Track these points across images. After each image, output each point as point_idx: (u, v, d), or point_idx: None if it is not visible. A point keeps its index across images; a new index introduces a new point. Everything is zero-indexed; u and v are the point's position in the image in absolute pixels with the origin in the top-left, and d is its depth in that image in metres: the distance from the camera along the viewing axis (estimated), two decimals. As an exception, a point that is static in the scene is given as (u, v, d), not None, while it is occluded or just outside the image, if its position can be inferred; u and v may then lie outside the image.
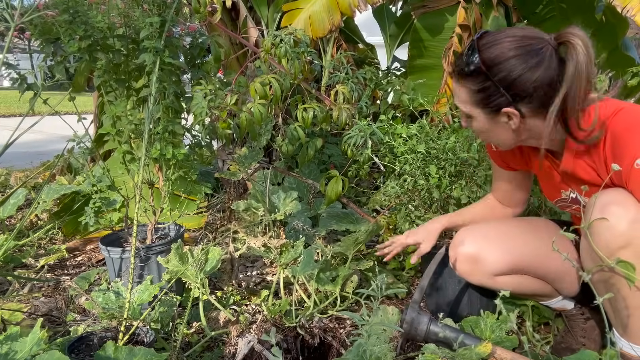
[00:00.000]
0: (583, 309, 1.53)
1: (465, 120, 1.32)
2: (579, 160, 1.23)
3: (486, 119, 1.24)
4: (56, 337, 1.57)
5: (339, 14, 2.68)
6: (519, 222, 1.52)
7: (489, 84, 1.17)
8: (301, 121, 1.89)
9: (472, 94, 1.21)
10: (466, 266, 1.46)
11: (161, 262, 1.64)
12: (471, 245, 1.44)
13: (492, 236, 1.45)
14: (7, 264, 2.11)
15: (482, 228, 1.49)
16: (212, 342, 1.64)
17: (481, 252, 1.42)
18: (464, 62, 1.20)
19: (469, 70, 1.19)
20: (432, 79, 3.05)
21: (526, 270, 1.43)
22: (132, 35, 1.70)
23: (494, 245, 1.43)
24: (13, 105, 12.43)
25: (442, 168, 1.76)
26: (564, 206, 1.41)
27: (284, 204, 2.17)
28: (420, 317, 1.38)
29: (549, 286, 1.48)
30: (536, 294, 1.52)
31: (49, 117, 1.59)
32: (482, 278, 1.45)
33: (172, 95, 1.72)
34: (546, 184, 1.43)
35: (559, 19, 3.17)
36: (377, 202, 2.57)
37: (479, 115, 1.24)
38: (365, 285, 1.97)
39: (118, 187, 2.02)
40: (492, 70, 1.15)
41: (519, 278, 1.45)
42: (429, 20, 3.09)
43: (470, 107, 1.24)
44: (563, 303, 1.53)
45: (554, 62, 1.14)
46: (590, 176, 1.22)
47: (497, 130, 1.25)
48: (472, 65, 1.18)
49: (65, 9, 1.55)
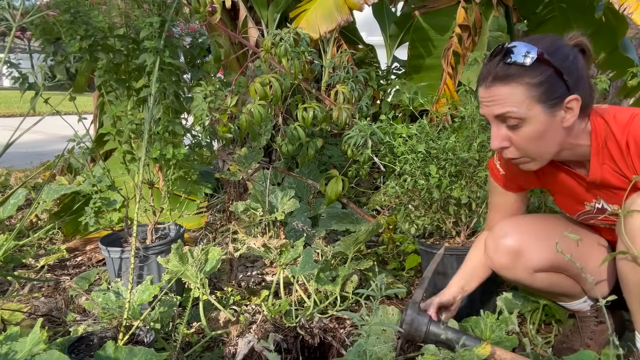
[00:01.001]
0: (598, 312, 1.51)
1: (507, 134, 1.19)
2: (605, 166, 1.21)
3: (545, 117, 1.15)
4: (56, 337, 1.57)
5: (347, 8, 2.69)
6: (559, 220, 1.47)
7: (551, 73, 1.12)
8: (301, 121, 1.90)
9: (532, 89, 1.12)
10: (506, 259, 1.40)
11: (161, 262, 1.64)
12: (515, 238, 1.39)
13: (536, 231, 1.41)
14: (7, 264, 2.11)
15: (526, 222, 1.45)
16: (212, 342, 1.64)
17: (525, 247, 1.38)
18: (510, 58, 1.13)
19: (528, 63, 1.12)
20: (432, 79, 3.05)
21: (565, 268, 1.40)
22: (133, 35, 1.70)
23: (539, 241, 1.38)
24: (13, 105, 12.43)
25: (442, 168, 1.76)
26: (587, 218, 1.38)
27: (282, 203, 2.17)
28: (420, 318, 1.38)
29: (579, 286, 1.46)
30: (565, 294, 1.50)
31: (49, 117, 1.60)
32: (522, 273, 1.41)
33: (172, 95, 1.72)
34: (566, 199, 1.39)
35: (559, 19, 3.17)
36: (377, 202, 2.57)
37: (538, 114, 1.14)
38: (365, 285, 1.97)
39: (118, 187, 2.02)
40: (553, 57, 1.12)
41: (556, 276, 1.43)
42: (429, 20, 3.09)
43: (527, 107, 1.14)
44: (582, 305, 1.52)
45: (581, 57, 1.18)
46: (619, 181, 1.20)
47: (552, 130, 1.17)
48: (528, 57, 1.12)
49: (67, 9, 1.55)
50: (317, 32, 2.65)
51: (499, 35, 2.86)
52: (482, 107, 1.20)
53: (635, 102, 3.21)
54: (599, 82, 2.21)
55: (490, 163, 1.47)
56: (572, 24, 3.21)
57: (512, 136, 1.18)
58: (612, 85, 4.16)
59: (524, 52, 1.12)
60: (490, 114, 1.19)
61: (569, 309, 1.57)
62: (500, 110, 1.16)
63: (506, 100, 1.14)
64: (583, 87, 1.15)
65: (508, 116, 1.16)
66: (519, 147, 1.20)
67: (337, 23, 2.66)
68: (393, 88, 3.08)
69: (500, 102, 1.15)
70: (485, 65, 1.19)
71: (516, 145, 1.20)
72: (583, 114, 1.18)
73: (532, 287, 1.48)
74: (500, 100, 1.15)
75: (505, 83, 1.14)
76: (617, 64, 3.35)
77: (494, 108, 1.17)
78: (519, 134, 1.17)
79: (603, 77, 2.20)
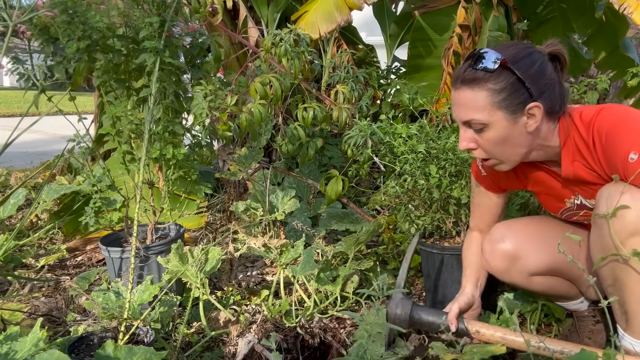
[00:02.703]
0: (595, 311, 1.53)
1: (473, 136, 1.24)
2: (576, 163, 1.24)
3: (507, 123, 1.19)
4: (56, 337, 1.57)
5: (347, 8, 2.69)
6: (556, 223, 1.48)
7: (513, 80, 1.16)
8: (301, 121, 1.89)
9: (494, 95, 1.17)
10: (503, 263, 1.42)
11: (161, 262, 1.64)
12: (512, 242, 1.41)
13: (532, 235, 1.43)
14: (7, 264, 2.11)
15: (523, 225, 1.47)
16: (212, 342, 1.64)
17: (521, 251, 1.40)
18: (481, 63, 1.17)
19: (491, 69, 1.16)
20: (432, 78, 3.05)
21: (562, 271, 1.42)
22: (132, 35, 1.70)
23: (535, 245, 1.41)
24: (13, 105, 12.43)
25: (442, 168, 1.76)
26: (570, 215, 1.40)
27: (282, 203, 2.17)
28: (404, 302, 1.37)
29: (575, 288, 1.49)
30: (562, 296, 1.51)
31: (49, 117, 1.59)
32: (518, 277, 1.43)
33: (172, 95, 1.72)
34: (547, 197, 1.41)
35: (560, 19, 3.17)
36: (377, 202, 2.57)
37: (500, 120, 1.18)
38: (365, 285, 1.97)
39: (118, 187, 2.02)
40: (516, 65, 1.16)
41: (552, 280, 1.45)
42: (429, 20, 3.09)
43: (489, 112, 1.18)
44: (580, 305, 1.54)
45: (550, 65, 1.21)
46: (591, 176, 1.23)
47: (515, 135, 1.21)
48: (494, 63, 1.16)
49: (64, 10, 1.55)
50: (317, 32, 2.65)
51: (499, 35, 2.85)
52: (453, 109, 1.27)
53: (636, 102, 3.20)
54: (599, 82, 2.21)
55: (474, 165, 1.50)
56: (572, 24, 3.21)
57: (478, 139, 1.24)
58: (613, 86, 4.16)
59: (494, 58, 1.17)
60: (458, 118, 1.25)
61: (567, 309, 1.59)
62: (465, 114, 1.22)
63: (470, 105, 1.20)
64: (549, 94, 1.19)
65: (472, 122, 1.21)
66: (485, 150, 1.26)
67: (337, 23, 2.66)
68: (393, 88, 3.08)
69: (465, 107, 1.21)
70: (457, 69, 1.25)
71: (482, 148, 1.25)
72: (551, 117, 1.22)
73: (529, 289, 1.50)
74: (465, 104, 1.21)
75: (470, 87, 1.19)
76: (618, 64, 3.35)
77: (461, 112, 1.23)
78: (484, 137, 1.22)
79: (603, 77, 2.20)
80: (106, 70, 1.73)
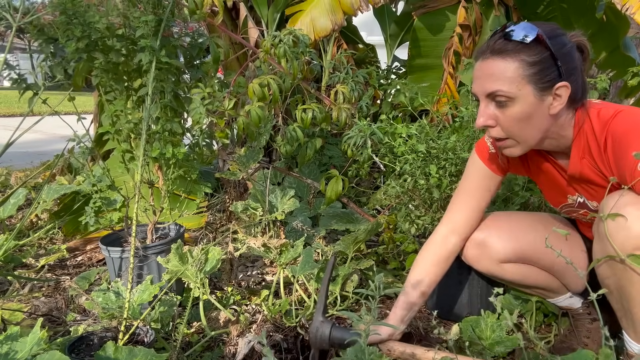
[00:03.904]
0: (590, 309, 1.53)
1: (494, 112, 1.19)
2: (584, 161, 1.23)
3: (534, 100, 1.15)
4: (56, 337, 1.57)
5: (341, 13, 2.68)
6: (530, 215, 1.54)
7: (547, 55, 1.13)
8: (300, 122, 1.89)
9: (526, 67, 1.13)
10: (474, 251, 1.47)
11: (161, 262, 1.64)
12: (482, 231, 1.47)
13: (501, 224, 1.47)
14: (7, 263, 2.11)
15: (494, 217, 1.50)
16: (212, 342, 1.64)
17: (489, 238, 1.45)
18: (516, 34, 1.14)
19: (527, 40, 1.12)
20: (433, 78, 3.05)
21: (532, 259, 1.45)
22: (131, 35, 1.70)
23: (502, 232, 1.45)
24: (13, 105, 12.42)
25: (442, 168, 1.76)
26: (570, 211, 1.40)
27: (282, 203, 2.17)
28: (323, 325, 1.38)
29: (557, 281, 1.49)
30: (543, 288, 1.52)
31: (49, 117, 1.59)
32: (489, 264, 1.47)
33: (170, 94, 1.72)
34: (550, 189, 1.42)
35: (560, 19, 3.17)
36: (377, 202, 2.57)
37: (527, 95, 1.14)
38: (365, 284, 1.97)
39: (118, 186, 2.02)
40: (551, 41, 1.13)
41: (526, 268, 1.47)
42: (429, 19, 3.09)
43: (518, 84, 1.13)
44: (571, 301, 1.54)
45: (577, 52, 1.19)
46: (597, 177, 1.22)
47: (538, 115, 1.17)
48: (530, 35, 1.13)
49: (63, 11, 1.55)
50: (312, 35, 2.65)
51: (500, 35, 2.85)
52: (475, 83, 1.21)
53: (636, 102, 3.20)
54: (599, 81, 2.21)
55: (480, 142, 1.45)
56: (573, 24, 3.21)
57: (499, 115, 1.18)
58: (613, 85, 4.16)
59: (525, 31, 1.13)
60: (481, 91, 1.19)
61: (560, 307, 1.59)
62: (491, 86, 1.16)
63: (499, 75, 1.15)
64: (575, 78, 1.16)
65: (498, 94, 1.16)
66: (504, 127, 1.20)
67: (331, 28, 2.66)
68: (394, 88, 3.08)
69: (493, 78, 1.16)
70: (485, 42, 1.21)
71: (502, 125, 1.20)
72: (571, 106, 1.20)
73: (504, 279, 1.52)
74: (493, 75, 1.16)
75: (501, 57, 1.14)
76: (618, 64, 3.34)
77: (486, 83, 1.17)
78: (506, 113, 1.17)
79: (603, 76, 2.20)
80: (105, 70, 1.73)
